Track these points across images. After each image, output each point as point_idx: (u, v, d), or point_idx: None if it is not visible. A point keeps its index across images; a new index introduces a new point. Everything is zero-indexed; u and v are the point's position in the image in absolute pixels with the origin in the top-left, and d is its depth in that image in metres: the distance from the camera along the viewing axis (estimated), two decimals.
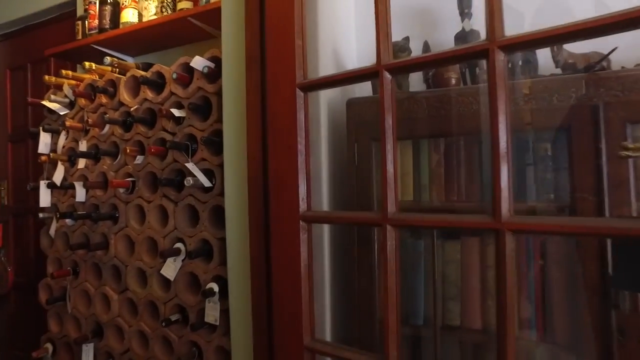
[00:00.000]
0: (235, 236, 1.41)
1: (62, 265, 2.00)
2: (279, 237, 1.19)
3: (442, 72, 1.22)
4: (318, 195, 1.31)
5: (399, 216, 0.95)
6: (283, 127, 1.17)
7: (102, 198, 1.82)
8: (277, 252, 1.19)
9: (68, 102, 1.95)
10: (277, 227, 1.19)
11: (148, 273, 1.69)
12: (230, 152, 1.42)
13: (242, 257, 1.38)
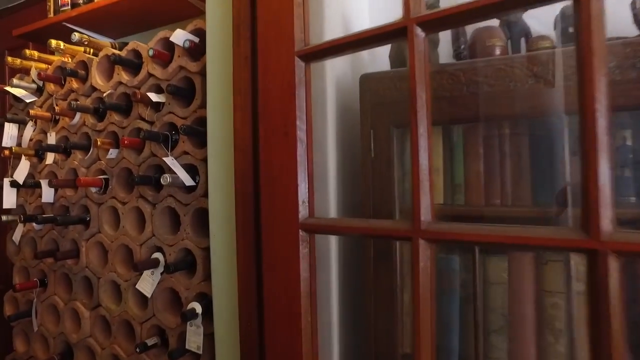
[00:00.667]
0: (220, 247, 1.15)
1: (30, 275, 1.75)
2: (272, 251, 0.92)
3: (483, 38, 0.95)
4: (323, 197, 1.05)
5: (437, 227, 0.68)
6: (278, 109, 0.91)
7: (72, 198, 1.56)
8: (270, 270, 0.93)
9: (35, 88, 1.70)
10: (270, 238, 0.93)
11: (123, 287, 1.44)
12: (215, 143, 1.16)
13: (229, 273, 1.12)
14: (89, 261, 1.53)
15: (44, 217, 1.50)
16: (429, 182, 0.71)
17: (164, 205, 1.33)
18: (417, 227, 0.70)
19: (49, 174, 1.65)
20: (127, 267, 1.46)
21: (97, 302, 1.51)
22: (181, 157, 1.30)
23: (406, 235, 0.71)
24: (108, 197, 1.46)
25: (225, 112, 1.12)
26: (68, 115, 1.56)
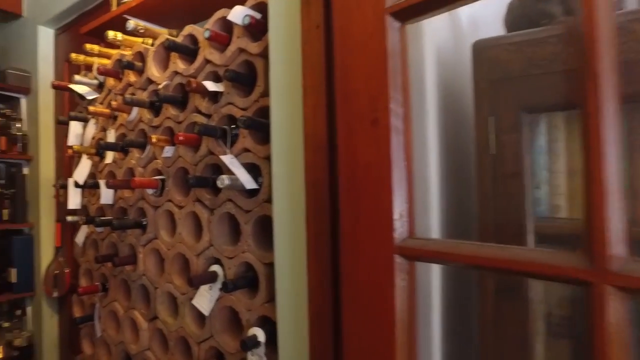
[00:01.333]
0: (287, 265, 0.94)
1: (93, 279, 1.68)
2: (354, 279, 0.69)
3: None
4: (423, 208, 0.79)
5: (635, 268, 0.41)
6: (364, 88, 0.67)
7: (130, 200, 1.45)
8: (351, 304, 0.70)
9: (97, 84, 1.61)
10: (352, 263, 0.70)
11: (180, 300, 1.29)
12: (280, 137, 0.95)
13: (298, 298, 0.91)
14: (146, 269, 1.41)
15: (102, 220, 1.40)
16: (617, 194, 0.44)
17: (223, 211, 1.15)
18: (600, 266, 0.43)
19: (108, 174, 1.55)
20: (185, 278, 1.31)
21: (155, 314, 1.38)
22: (241, 155, 1.11)
23: (583, 277, 0.44)
24: (164, 200, 1.32)
25: (293, 98, 0.91)
26: (125, 111, 1.44)
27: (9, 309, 2.95)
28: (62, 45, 2.77)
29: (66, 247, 2.72)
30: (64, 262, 2.66)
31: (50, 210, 2.74)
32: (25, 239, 2.78)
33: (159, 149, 1.33)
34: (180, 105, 1.29)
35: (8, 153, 2.75)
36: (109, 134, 1.53)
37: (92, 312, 1.66)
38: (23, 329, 2.86)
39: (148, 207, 1.37)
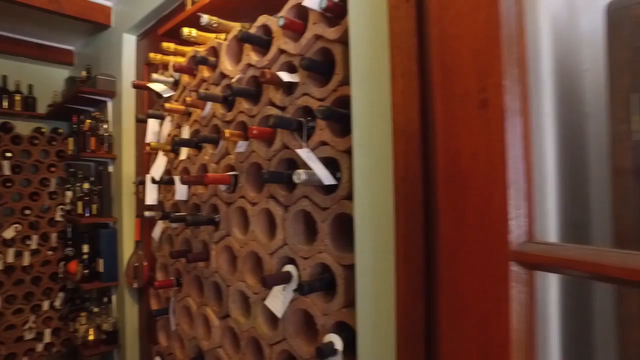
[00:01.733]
0: (370, 268, 0.85)
1: (168, 274, 1.71)
2: (457, 288, 0.59)
3: None
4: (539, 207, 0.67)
5: None
6: (469, 62, 0.56)
7: (203, 197, 1.44)
8: (452, 317, 0.59)
9: (173, 82, 1.63)
10: (453, 268, 0.59)
11: (252, 300, 1.25)
12: (363, 127, 0.86)
13: (382, 305, 0.82)
14: (218, 266, 1.39)
15: (176, 216, 1.41)
16: None
17: (298, 208, 1.09)
18: None
19: (182, 170, 1.56)
20: (257, 277, 1.27)
21: (227, 312, 1.36)
22: (318, 148, 1.04)
23: None
24: (237, 197, 1.29)
25: (378, 83, 0.82)
26: (199, 107, 1.44)
27: (98, 295, 3.17)
28: (142, 49, 2.91)
29: (145, 241, 2.86)
30: (143, 255, 2.79)
31: (131, 206, 2.89)
32: (110, 232, 2.96)
33: (232, 144, 1.31)
34: (253, 99, 1.25)
35: (97, 152, 2.94)
36: (183, 130, 1.54)
37: (168, 306, 1.69)
38: (109, 315, 3.05)
39: (221, 203, 1.35)
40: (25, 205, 3.48)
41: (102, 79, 2.93)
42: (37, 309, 3.51)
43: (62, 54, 3.81)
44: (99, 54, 3.34)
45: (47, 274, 3.55)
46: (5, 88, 3.50)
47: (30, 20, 3.23)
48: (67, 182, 3.52)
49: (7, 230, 3.38)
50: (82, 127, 3.04)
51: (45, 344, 3.55)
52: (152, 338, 2.84)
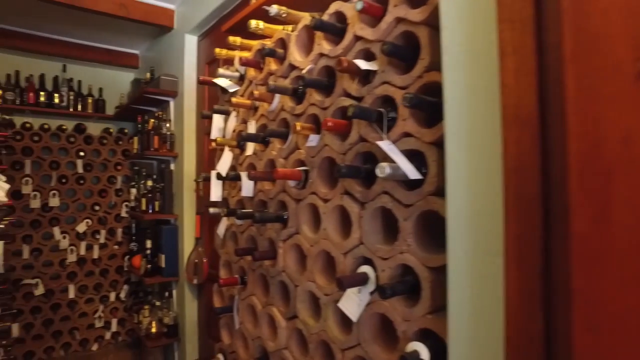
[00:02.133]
0: (467, 269, 0.76)
1: (232, 271, 1.70)
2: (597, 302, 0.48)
3: None
4: None
5: None
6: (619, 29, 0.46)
7: (270, 193, 1.40)
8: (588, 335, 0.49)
9: (238, 76, 1.61)
10: (591, 278, 0.49)
11: (322, 301, 1.19)
12: (460, 114, 0.77)
13: (482, 312, 0.72)
14: (286, 265, 1.35)
15: (243, 213, 1.38)
16: None
17: (377, 205, 1.01)
18: None
19: (248, 166, 1.54)
20: (329, 278, 1.21)
21: (294, 313, 1.31)
22: (401, 140, 0.96)
23: None
24: (307, 193, 1.24)
25: (478, 65, 0.72)
26: (267, 101, 1.40)
27: (160, 290, 3.26)
28: (203, 49, 2.96)
29: (204, 238, 2.90)
30: (203, 252, 2.84)
31: (192, 203, 2.95)
32: (172, 229, 3.03)
33: (302, 139, 1.25)
34: (325, 90, 1.19)
35: (159, 151, 3.03)
36: (249, 125, 1.51)
37: (231, 304, 1.68)
38: (170, 309, 3.14)
39: (289, 200, 1.31)
40: (95, 201, 3.66)
41: (165, 79, 3.01)
42: (105, 299, 3.69)
43: (128, 58, 3.98)
44: (161, 56, 3.45)
45: (114, 267, 3.72)
46: (79, 92, 3.70)
47: (101, 27, 3.39)
48: (131, 179, 3.67)
49: (80, 224, 3.58)
50: (146, 127, 3.14)
51: (112, 333, 3.73)
52: (212, 333, 2.88)
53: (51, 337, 3.45)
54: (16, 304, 3.27)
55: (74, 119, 3.69)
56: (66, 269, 3.50)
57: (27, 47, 3.49)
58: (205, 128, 2.83)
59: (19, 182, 3.31)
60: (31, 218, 3.38)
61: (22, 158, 3.36)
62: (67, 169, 3.52)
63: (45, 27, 3.40)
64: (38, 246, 3.40)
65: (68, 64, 3.72)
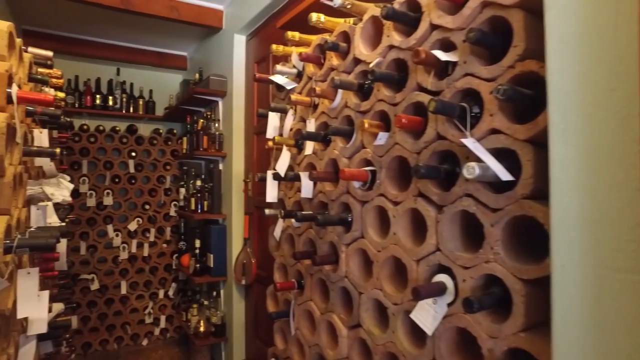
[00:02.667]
0: (580, 284, 0.65)
1: (287, 275, 1.65)
2: None
3: None
4: None
5: None
6: None
7: (332, 194, 1.34)
8: None
9: (296, 73, 1.56)
10: None
11: (391, 311, 1.11)
12: (570, 108, 0.67)
13: (603, 335, 0.62)
14: (348, 270, 1.28)
15: (303, 215, 1.32)
16: None
17: (457, 208, 0.92)
18: None
19: (307, 166, 1.48)
20: (397, 286, 1.13)
21: (357, 321, 1.24)
22: (487, 138, 0.86)
23: None
24: (375, 195, 1.16)
25: (601, 48, 0.63)
26: (328, 97, 1.34)
27: (208, 289, 3.29)
28: (252, 48, 2.95)
29: (253, 238, 2.89)
30: (251, 252, 2.83)
31: (240, 203, 2.94)
32: (220, 229, 3.04)
33: (369, 137, 1.18)
34: (396, 85, 1.11)
35: (208, 151, 3.05)
36: (308, 123, 1.46)
37: (287, 308, 1.63)
38: (218, 308, 3.15)
39: (354, 202, 1.24)
40: (145, 200, 3.76)
41: (214, 79, 3.03)
42: (154, 296, 3.78)
43: (177, 59, 4.06)
44: (210, 56, 3.48)
45: (162, 265, 3.80)
46: (131, 94, 3.81)
47: (151, 30, 3.47)
48: (180, 179, 3.73)
49: (131, 222, 3.68)
50: (196, 127, 3.18)
51: (161, 329, 3.81)
52: (259, 334, 2.86)
53: (105, 330, 3.57)
54: (75, 298, 3.40)
55: (126, 120, 3.81)
56: (118, 266, 3.61)
57: (85, 52, 3.63)
58: (254, 128, 2.82)
59: (77, 182, 3.45)
60: (87, 216, 3.51)
61: (80, 158, 3.49)
62: (119, 169, 3.63)
63: (101, 32, 3.52)
64: (93, 243, 3.53)
65: (121, 67, 3.84)
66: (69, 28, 3.43)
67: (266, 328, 2.64)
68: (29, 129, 1.28)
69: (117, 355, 3.52)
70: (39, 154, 1.19)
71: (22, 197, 1.15)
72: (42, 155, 1.20)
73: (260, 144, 2.76)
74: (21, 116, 1.16)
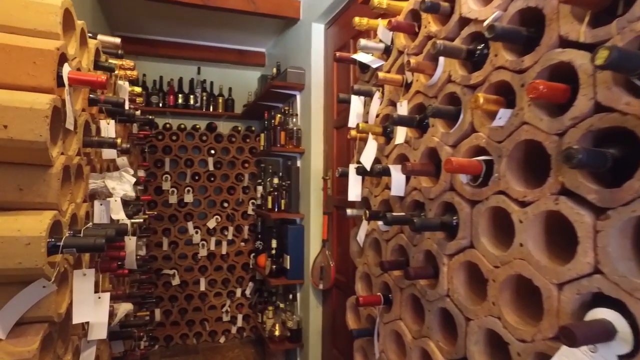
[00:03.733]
0: None
1: (372, 286, 1.41)
2: None
3: None
4: None
5: None
6: None
7: (430, 192, 1.07)
8: None
9: (383, 48, 1.32)
10: None
11: (514, 349, 0.82)
12: None
13: None
14: (452, 289, 1.01)
15: (394, 217, 1.07)
16: None
17: (631, 215, 0.62)
18: None
19: (397, 158, 1.23)
20: (524, 316, 0.83)
21: (463, 354, 0.97)
22: None
23: None
24: (491, 192, 0.88)
25: None
26: (425, 72, 1.08)
27: (284, 292, 3.16)
28: (330, 37, 2.76)
29: (332, 240, 2.70)
30: (330, 255, 2.63)
31: (319, 202, 2.76)
32: (298, 229, 2.88)
33: (482, 117, 0.90)
34: (523, 45, 0.82)
35: (286, 147, 2.91)
36: (399, 107, 1.20)
37: (370, 326, 1.39)
38: (294, 312, 3.01)
39: (461, 201, 0.96)
40: (224, 198, 3.74)
41: (292, 72, 2.89)
42: (232, 294, 3.76)
43: (256, 56, 4.02)
44: (287, 49, 3.36)
45: (240, 263, 3.77)
46: (211, 92, 3.84)
47: (230, 27, 3.45)
48: (258, 177, 3.67)
49: (210, 220, 3.69)
50: (273, 122, 3.06)
51: (237, 328, 3.79)
52: (336, 344, 2.66)
53: (185, 325, 3.62)
54: (158, 291, 3.49)
55: (206, 118, 3.83)
56: (198, 263, 3.64)
57: (168, 53, 3.72)
58: (334, 121, 2.62)
59: (160, 179, 3.53)
60: (169, 213, 3.57)
61: (163, 156, 3.57)
62: (199, 167, 3.66)
63: (183, 33, 3.59)
64: (175, 239, 3.58)
65: (202, 66, 3.88)
66: (153, 31, 3.54)
67: (344, 338, 2.42)
68: (94, 118, 1.19)
69: (196, 350, 3.55)
70: (100, 144, 1.09)
71: (83, 191, 1.05)
72: (103, 146, 1.10)
73: (341, 139, 2.55)
74: (82, 103, 1.06)
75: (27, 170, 0.82)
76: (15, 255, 0.75)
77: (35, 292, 0.82)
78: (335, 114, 2.64)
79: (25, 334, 0.80)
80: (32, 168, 0.83)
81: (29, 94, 0.79)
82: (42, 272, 0.79)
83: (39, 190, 0.83)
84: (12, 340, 0.77)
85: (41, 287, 0.82)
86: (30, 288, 0.81)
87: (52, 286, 0.83)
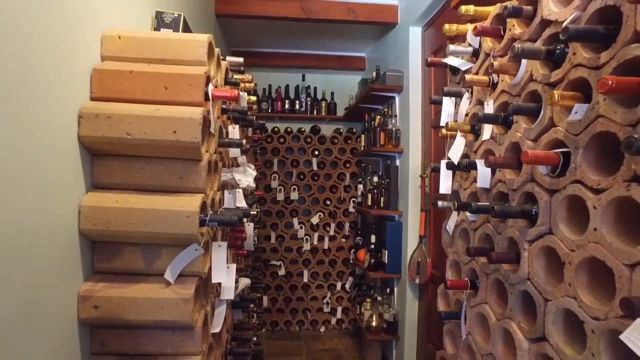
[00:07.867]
0: None
1: (460, 273, 1.51)
2: None
3: None
4: None
5: None
6: None
7: (513, 183, 1.16)
8: None
9: (471, 51, 1.42)
10: None
11: (589, 326, 0.88)
12: None
13: None
14: (532, 272, 1.08)
15: (478, 206, 1.17)
16: None
17: None
18: None
19: (484, 153, 1.32)
20: (598, 296, 0.89)
21: (542, 333, 1.04)
22: None
23: None
24: (568, 181, 0.95)
25: None
26: (509, 72, 1.16)
27: (382, 285, 3.31)
28: (427, 39, 2.84)
29: (428, 236, 2.78)
30: (427, 251, 2.71)
31: (416, 200, 2.86)
32: (396, 225, 3.02)
33: (560, 112, 0.97)
34: (602, 42, 0.88)
35: (385, 147, 3.07)
36: (486, 106, 1.30)
37: (457, 309, 1.49)
38: (391, 305, 3.14)
39: (540, 191, 1.04)
40: (327, 196, 4.02)
41: (391, 74, 3.03)
42: (332, 287, 4.01)
43: (356, 61, 4.24)
44: (386, 53, 3.51)
45: (341, 258, 4.01)
46: (315, 97, 4.15)
47: (332, 36, 3.70)
48: (358, 176, 3.87)
49: (313, 217, 3.99)
50: (373, 124, 3.24)
51: (337, 319, 4.02)
52: (431, 338, 2.73)
53: (289, 313, 3.96)
54: (265, 280, 3.89)
55: (310, 121, 4.15)
56: (302, 256, 3.96)
57: (276, 63, 4.13)
58: (432, 121, 2.71)
59: (269, 178, 3.93)
60: (277, 209, 3.96)
61: (272, 157, 3.97)
62: (304, 167, 3.99)
63: (288, 44, 3.96)
64: (281, 233, 3.96)
65: (306, 73, 4.21)
66: (263, 44, 3.97)
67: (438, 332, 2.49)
68: (224, 124, 1.49)
69: (298, 337, 3.87)
70: (230, 144, 1.37)
71: (217, 182, 1.34)
72: (232, 146, 1.38)
73: (438, 138, 2.62)
74: (217, 112, 1.36)
75: (185, 164, 1.12)
76: (179, 224, 1.04)
77: (190, 253, 1.11)
78: (433, 114, 2.72)
79: (185, 282, 1.09)
80: (188, 162, 1.12)
81: (188, 107, 1.08)
82: (195, 238, 1.07)
83: (193, 178, 1.12)
84: (178, 285, 1.07)
85: (194, 250, 1.11)
86: (188, 250, 1.10)
87: (200, 249, 1.11)
